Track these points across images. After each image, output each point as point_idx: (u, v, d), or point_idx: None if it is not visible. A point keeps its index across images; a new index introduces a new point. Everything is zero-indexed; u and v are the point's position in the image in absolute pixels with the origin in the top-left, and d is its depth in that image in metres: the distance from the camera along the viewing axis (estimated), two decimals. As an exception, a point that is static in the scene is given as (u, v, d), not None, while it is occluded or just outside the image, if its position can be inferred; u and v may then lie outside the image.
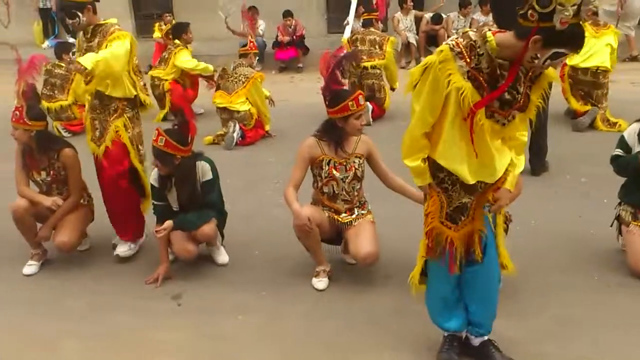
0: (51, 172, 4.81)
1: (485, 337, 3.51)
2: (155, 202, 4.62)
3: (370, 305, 4.17)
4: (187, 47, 9.38)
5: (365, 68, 8.74)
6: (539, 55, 2.75)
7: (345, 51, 9.22)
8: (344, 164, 4.39)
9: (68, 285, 4.64)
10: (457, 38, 2.92)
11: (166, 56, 9.39)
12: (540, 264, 4.55)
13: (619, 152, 4.51)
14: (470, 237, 3.29)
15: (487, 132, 3.00)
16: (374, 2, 9.86)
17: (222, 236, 4.85)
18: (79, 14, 4.53)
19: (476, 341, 3.51)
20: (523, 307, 3.84)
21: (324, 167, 4.38)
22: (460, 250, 3.27)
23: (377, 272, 4.53)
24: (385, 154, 4.49)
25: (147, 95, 4.86)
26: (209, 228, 4.58)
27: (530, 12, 2.67)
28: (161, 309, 4.27)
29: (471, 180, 3.12)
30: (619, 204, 4.61)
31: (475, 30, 2.97)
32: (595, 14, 8.24)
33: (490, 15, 11.70)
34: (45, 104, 8.51)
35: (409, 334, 3.80)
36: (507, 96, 2.95)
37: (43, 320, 4.20)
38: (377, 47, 8.92)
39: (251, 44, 8.42)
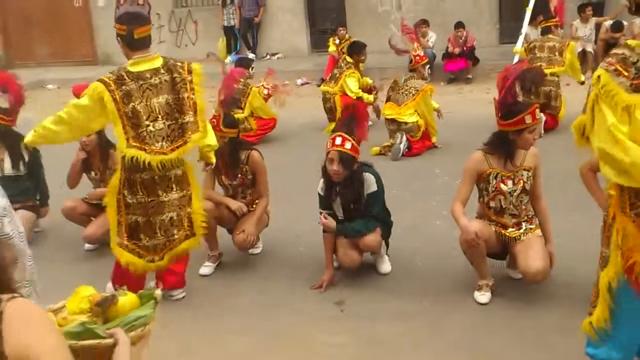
0: (239, 176, 5.11)
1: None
2: (322, 210, 4.79)
3: (534, 323, 4.10)
4: (358, 67, 9.64)
5: (545, 75, 8.50)
6: None
7: (524, 64, 9.09)
8: (512, 177, 4.32)
9: (239, 285, 4.94)
10: (607, 59, 2.81)
11: (337, 74, 9.66)
12: None
13: None
14: None
15: None
16: (553, 8, 9.59)
17: (387, 245, 4.96)
18: None
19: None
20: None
21: (491, 182, 4.35)
22: None
23: (541, 288, 4.43)
24: (556, 167, 4.39)
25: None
26: (372, 238, 4.69)
27: None
28: (325, 313, 4.45)
29: None
30: None
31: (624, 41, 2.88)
32: None
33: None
34: None
35: (573, 354, 3.64)
36: None
37: (212, 317, 4.49)
38: (557, 53, 8.71)
39: (417, 57, 8.48)
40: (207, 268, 5.19)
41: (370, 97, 9.52)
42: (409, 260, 5.09)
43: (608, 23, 12.95)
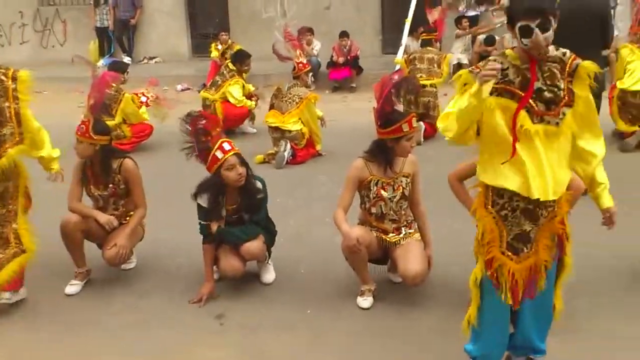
0: (110, 186, 4.83)
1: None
2: (203, 222, 4.65)
3: (413, 324, 4.20)
4: (241, 76, 9.59)
5: (424, 86, 8.78)
6: (523, 40, 2.89)
7: (402, 74, 9.34)
8: (392, 183, 4.42)
9: (110, 303, 4.68)
10: (478, 64, 3.05)
11: (219, 81, 9.58)
12: (589, 281, 4.52)
13: None
14: (534, 270, 3.18)
15: (539, 138, 2.98)
16: (432, 22, 9.91)
17: (269, 254, 4.91)
18: None
19: (519, 360, 3.53)
20: (573, 323, 3.83)
21: (372, 188, 4.42)
22: (521, 284, 3.17)
23: (420, 291, 4.54)
24: (431, 172, 4.53)
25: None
26: (255, 245, 4.64)
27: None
28: (204, 327, 4.33)
29: (533, 194, 3.01)
30: None
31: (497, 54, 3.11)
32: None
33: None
34: None
35: (452, 353, 3.78)
36: (547, 95, 2.99)
37: (84, 337, 4.24)
38: (435, 65, 9.06)
39: (300, 64, 8.46)
40: (73, 287, 4.83)
41: (252, 104, 9.51)
42: (293, 268, 5.07)
43: (482, 37, 13.53)
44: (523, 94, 2.98)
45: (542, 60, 2.99)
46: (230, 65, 9.62)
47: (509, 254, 3.15)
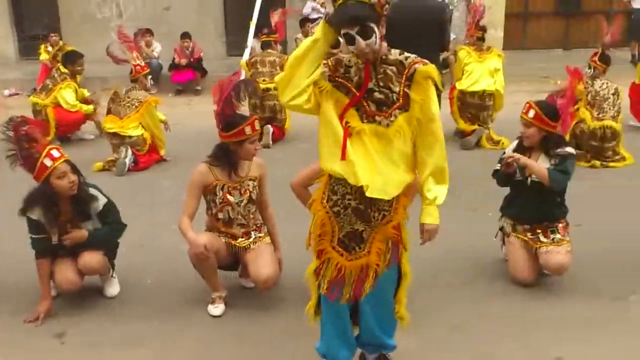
0: None
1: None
2: (35, 236, 4.34)
3: (265, 328, 4.17)
4: (75, 78, 9.13)
5: (268, 89, 8.74)
6: (350, 47, 2.96)
7: (242, 75, 9.29)
8: (238, 187, 4.37)
9: None
10: (328, 59, 3.11)
11: (49, 85, 9.05)
12: (434, 276, 4.72)
13: (499, 167, 4.73)
14: (364, 271, 3.22)
15: (367, 138, 3.02)
16: (273, 24, 9.95)
17: (113, 267, 4.68)
18: None
19: (371, 357, 3.60)
20: (419, 318, 3.92)
21: (217, 193, 4.34)
22: (350, 281, 3.22)
23: (273, 295, 4.52)
24: (280, 175, 4.53)
25: None
26: (95, 260, 4.42)
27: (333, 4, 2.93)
28: (43, 347, 4.05)
29: (355, 182, 3.02)
30: (501, 216, 4.83)
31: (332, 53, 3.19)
32: (481, 39, 8.61)
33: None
34: None
35: (303, 354, 3.81)
36: (378, 96, 3.04)
37: None
38: (277, 68, 9.00)
39: (137, 67, 8.14)
40: None
41: (90, 108, 9.08)
42: (138, 279, 4.88)
43: (300, 35, 13.59)
44: (357, 93, 3.04)
45: (377, 62, 3.04)
46: (62, 68, 9.10)
47: (340, 249, 3.21)
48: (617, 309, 4.29)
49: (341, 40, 3.04)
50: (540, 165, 4.48)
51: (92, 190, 4.44)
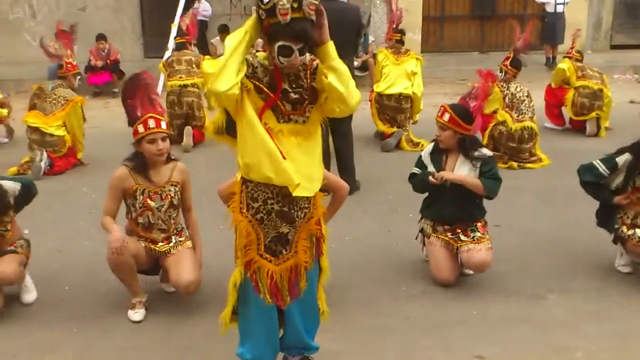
0: None
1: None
2: None
3: (187, 334, 4.11)
4: None
5: (185, 86, 8.76)
6: (273, 55, 2.96)
7: (162, 77, 9.20)
8: (159, 192, 4.30)
9: None
10: None
11: None
12: (356, 278, 4.75)
13: (415, 170, 4.82)
14: (294, 272, 3.24)
15: (286, 137, 3.06)
16: (185, 27, 9.94)
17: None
18: None
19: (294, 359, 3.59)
20: (341, 319, 3.96)
21: (137, 197, 4.27)
22: (284, 286, 3.23)
23: (195, 299, 4.46)
24: (203, 180, 4.48)
25: None
26: (10, 270, 4.26)
27: (260, 12, 2.89)
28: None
29: (275, 179, 3.04)
30: (421, 218, 4.92)
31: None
32: (401, 42, 8.75)
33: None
34: None
35: (226, 357, 3.75)
36: (294, 96, 3.08)
37: None
38: (194, 66, 9.03)
39: (69, 65, 7.95)
40: None
41: (4, 112, 8.77)
42: (56, 285, 4.73)
43: (216, 40, 13.65)
44: (271, 94, 3.05)
45: None
46: None
47: (267, 256, 3.20)
48: (535, 307, 4.41)
49: (260, 41, 3.05)
50: (472, 179, 4.58)
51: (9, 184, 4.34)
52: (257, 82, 3.05)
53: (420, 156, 4.85)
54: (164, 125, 4.23)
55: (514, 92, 7.73)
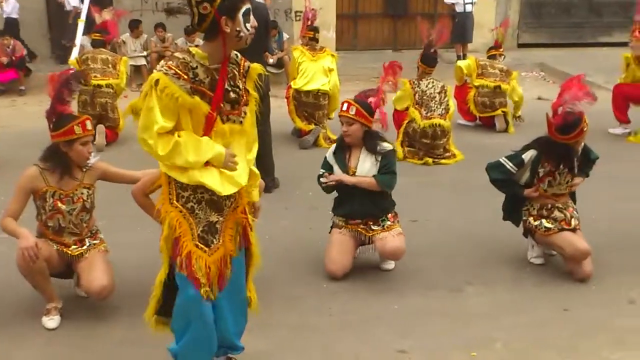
0: None
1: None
2: None
3: (102, 339, 3.99)
4: None
5: (99, 86, 8.49)
6: (238, 28, 2.98)
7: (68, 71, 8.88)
8: (71, 195, 4.16)
9: None
10: (167, 62, 3.01)
11: None
12: (278, 275, 4.73)
13: (322, 171, 4.87)
14: (223, 262, 3.22)
15: (227, 137, 3.10)
16: (99, 22, 9.63)
17: None
18: None
19: (219, 360, 3.54)
20: (264, 318, 3.92)
21: (47, 200, 4.11)
22: (215, 277, 3.19)
23: (109, 303, 4.32)
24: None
25: None
26: None
27: (203, 6, 2.91)
28: None
29: (223, 191, 3.10)
30: (333, 215, 4.98)
31: (179, 50, 3.17)
32: (315, 39, 8.78)
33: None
34: None
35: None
36: (232, 95, 3.11)
37: None
38: (110, 66, 8.78)
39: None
40: None
41: None
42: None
43: (125, 36, 13.32)
44: (213, 95, 3.03)
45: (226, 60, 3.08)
46: None
47: (202, 246, 3.15)
48: (454, 300, 4.52)
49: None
50: (366, 179, 4.69)
51: None
52: (197, 86, 3.01)
53: (325, 157, 4.92)
54: (89, 126, 4.14)
55: (425, 89, 7.83)
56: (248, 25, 3.00)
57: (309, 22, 8.94)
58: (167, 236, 3.15)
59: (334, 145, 4.91)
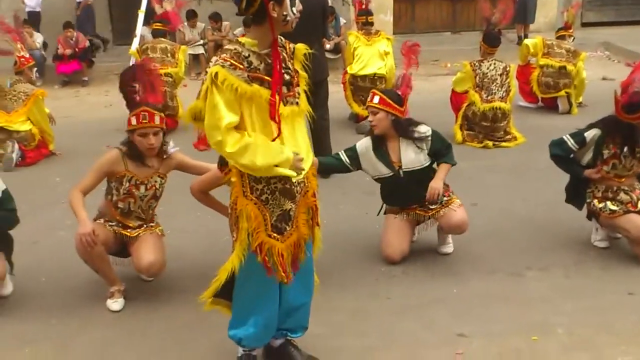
0: None
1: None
2: None
3: (166, 322, 4.08)
4: None
5: (159, 75, 8.59)
6: (285, 12, 3.01)
7: (133, 62, 9.09)
8: (145, 182, 4.28)
9: None
10: (221, 55, 3.03)
11: None
12: (336, 260, 4.73)
13: (342, 155, 4.83)
14: (297, 246, 3.28)
15: (289, 119, 3.13)
16: (159, 13, 9.77)
17: (11, 265, 4.43)
18: None
19: (277, 342, 3.56)
20: (322, 302, 3.92)
21: (124, 184, 4.24)
22: (288, 262, 3.25)
23: (174, 287, 4.45)
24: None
25: None
26: None
27: None
28: None
29: (296, 176, 3.14)
30: (383, 205, 4.96)
31: (228, 42, 3.15)
32: (369, 24, 8.72)
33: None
34: None
35: (206, 346, 3.78)
36: (286, 77, 3.14)
37: None
38: (169, 55, 8.93)
39: (22, 58, 7.80)
40: None
41: None
42: (32, 277, 4.67)
43: (183, 25, 13.37)
44: (271, 79, 3.04)
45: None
46: None
47: (275, 235, 3.20)
48: (514, 284, 4.44)
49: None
50: (444, 170, 4.68)
51: None
52: (254, 74, 3.03)
53: (356, 147, 4.81)
54: (157, 119, 4.19)
55: (486, 71, 7.68)
56: (294, 9, 3.02)
57: (363, 6, 8.89)
58: (243, 228, 3.17)
59: (366, 139, 4.80)
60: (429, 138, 4.63)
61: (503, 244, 5.01)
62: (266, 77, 3.04)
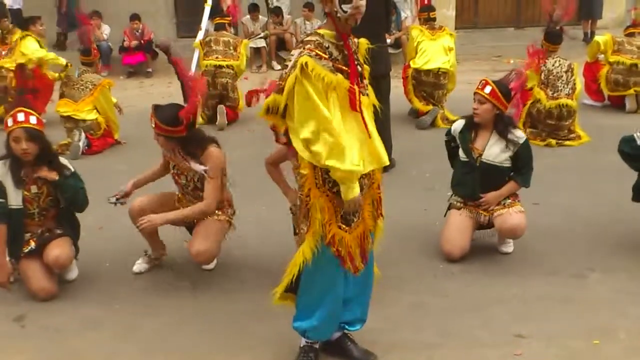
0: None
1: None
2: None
3: (229, 310, 4.14)
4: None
5: (220, 67, 8.83)
6: (335, 8, 3.03)
7: (196, 55, 9.24)
8: (185, 174, 4.42)
9: None
10: (305, 46, 3.08)
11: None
12: (394, 256, 4.68)
13: (446, 138, 4.89)
14: (364, 237, 3.31)
15: (367, 109, 3.17)
16: (226, 8, 9.93)
17: (77, 249, 4.58)
18: None
19: (335, 335, 3.57)
20: (379, 297, 3.91)
21: (171, 169, 4.47)
22: (356, 252, 3.29)
23: (234, 276, 4.52)
24: (237, 157, 4.48)
25: None
26: (65, 254, 4.34)
27: None
28: (3, 332, 3.99)
29: (366, 169, 3.18)
30: (451, 195, 4.92)
31: (307, 34, 3.26)
32: (432, 19, 8.65)
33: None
34: None
35: (263, 335, 3.83)
36: (360, 68, 3.21)
37: None
38: (231, 48, 9.07)
39: (94, 51, 8.08)
40: None
41: (62, 60, 8.76)
42: (97, 263, 4.81)
43: (245, 18, 13.45)
44: (349, 70, 3.10)
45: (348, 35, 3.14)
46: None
47: (343, 226, 3.23)
48: (576, 286, 4.36)
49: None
50: (508, 189, 4.66)
51: (63, 160, 4.51)
52: (337, 65, 3.08)
53: (449, 131, 4.85)
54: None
55: (551, 68, 7.53)
56: (344, 6, 3.01)
57: (426, 2, 8.83)
58: (317, 219, 3.19)
59: (460, 122, 4.77)
60: (520, 144, 4.60)
61: (565, 245, 4.91)
62: (346, 68, 3.09)
